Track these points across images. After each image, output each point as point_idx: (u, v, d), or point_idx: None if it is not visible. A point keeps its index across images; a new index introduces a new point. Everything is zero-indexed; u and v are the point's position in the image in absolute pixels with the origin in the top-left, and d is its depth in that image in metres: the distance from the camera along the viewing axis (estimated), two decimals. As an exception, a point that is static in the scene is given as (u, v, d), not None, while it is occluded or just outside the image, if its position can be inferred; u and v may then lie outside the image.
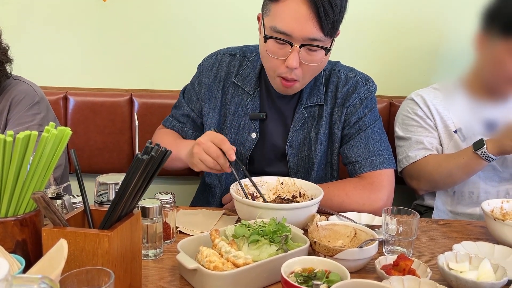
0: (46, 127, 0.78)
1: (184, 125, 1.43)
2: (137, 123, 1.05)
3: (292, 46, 1.13)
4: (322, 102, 1.31)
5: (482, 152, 1.31)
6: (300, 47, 1.13)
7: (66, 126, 0.80)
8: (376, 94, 1.35)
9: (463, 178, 1.41)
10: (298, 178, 1.25)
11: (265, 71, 1.28)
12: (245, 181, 1.20)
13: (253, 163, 1.35)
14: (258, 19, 1.23)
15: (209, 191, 1.42)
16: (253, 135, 1.33)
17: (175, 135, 1.42)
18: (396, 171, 1.32)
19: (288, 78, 1.19)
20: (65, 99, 1.82)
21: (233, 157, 1.10)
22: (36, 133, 0.74)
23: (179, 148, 1.26)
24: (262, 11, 1.21)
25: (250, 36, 1.42)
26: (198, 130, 1.42)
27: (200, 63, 1.42)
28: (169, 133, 1.43)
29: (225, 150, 1.10)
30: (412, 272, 0.87)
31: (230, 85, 1.36)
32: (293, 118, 1.32)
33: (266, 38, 1.16)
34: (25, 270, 0.69)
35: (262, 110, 1.34)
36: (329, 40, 1.16)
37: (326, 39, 1.14)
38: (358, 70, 1.37)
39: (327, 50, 1.17)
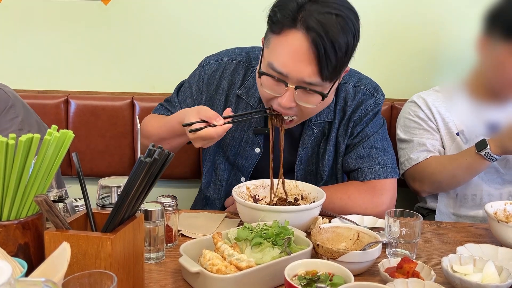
0: (48, 130, 0.78)
1: None
2: (138, 127, 1.05)
3: (286, 86, 1.07)
4: (332, 119, 1.27)
5: (485, 152, 1.30)
6: (296, 88, 1.06)
7: (67, 129, 0.80)
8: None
9: (467, 179, 1.41)
10: None
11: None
12: (247, 184, 1.20)
13: (256, 177, 1.28)
14: (262, 42, 1.15)
15: (208, 204, 1.40)
16: (257, 149, 1.30)
17: (163, 116, 1.35)
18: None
19: (282, 114, 1.12)
20: (67, 102, 1.82)
21: (230, 126, 1.05)
22: (39, 136, 0.74)
23: (168, 125, 1.20)
24: (264, 39, 1.13)
25: (252, 38, 1.42)
26: None
27: (202, 64, 1.35)
28: (159, 116, 1.37)
29: (222, 134, 1.05)
30: (416, 275, 0.87)
31: (233, 96, 1.30)
32: (302, 134, 1.28)
33: (260, 74, 1.10)
34: (27, 274, 0.69)
35: (267, 125, 1.26)
36: (328, 84, 1.08)
37: (324, 83, 1.06)
38: (365, 76, 1.31)
39: (324, 96, 1.09)
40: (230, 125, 1.05)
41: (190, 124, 1.05)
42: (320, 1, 1.03)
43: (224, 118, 1.06)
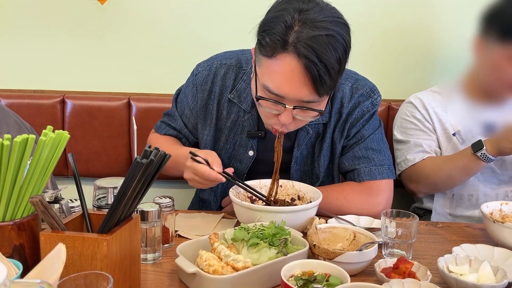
0: (43, 130, 0.78)
1: (178, 133, 1.39)
2: (135, 127, 1.05)
3: (285, 107, 1.06)
4: (327, 120, 1.27)
5: (481, 153, 1.31)
6: (294, 108, 1.06)
7: (63, 130, 0.80)
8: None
9: (463, 180, 1.41)
10: None
11: None
12: (244, 185, 1.20)
13: (251, 179, 1.27)
14: (253, 53, 1.13)
15: (205, 206, 1.40)
16: (250, 152, 1.29)
17: (171, 140, 1.38)
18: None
19: (279, 131, 1.13)
20: (63, 102, 1.82)
21: (223, 180, 1.08)
22: (33, 136, 0.74)
23: (175, 158, 1.23)
24: (255, 54, 1.11)
25: (249, 39, 1.42)
26: (192, 143, 1.39)
27: (194, 72, 1.35)
28: (165, 138, 1.39)
29: (212, 179, 1.08)
30: (412, 275, 0.87)
31: (225, 101, 1.29)
32: (297, 135, 1.27)
33: (258, 98, 1.09)
34: (22, 275, 0.69)
35: (260, 128, 1.27)
36: (325, 98, 1.09)
37: (321, 98, 1.06)
38: (362, 77, 1.31)
39: (322, 113, 1.10)
40: (223, 179, 1.08)
41: (196, 155, 1.09)
42: (309, 21, 0.99)
43: (226, 173, 1.10)
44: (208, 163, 1.07)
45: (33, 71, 1.89)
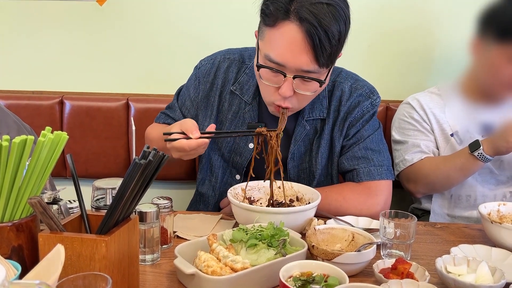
0: (42, 131, 0.78)
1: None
2: (133, 128, 1.05)
3: (285, 76, 1.10)
4: (324, 116, 1.28)
5: (478, 153, 1.31)
6: (294, 78, 1.09)
7: (62, 130, 0.80)
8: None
9: (461, 180, 1.41)
10: None
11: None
12: (243, 185, 1.20)
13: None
14: (256, 35, 1.19)
15: (202, 201, 1.40)
16: (251, 145, 1.30)
17: (165, 126, 1.37)
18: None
19: (283, 106, 1.15)
20: (61, 103, 1.82)
21: (204, 141, 1.05)
22: (32, 137, 0.74)
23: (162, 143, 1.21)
24: (258, 31, 1.16)
25: (248, 39, 1.42)
26: None
27: (197, 66, 1.39)
28: (161, 125, 1.40)
29: (194, 148, 1.05)
30: (410, 276, 0.87)
31: (227, 93, 1.32)
32: (294, 130, 1.29)
33: (259, 67, 1.13)
34: (21, 276, 0.69)
35: (261, 120, 1.30)
36: (325, 71, 1.12)
37: (321, 70, 1.10)
38: (362, 79, 1.33)
39: (321, 83, 1.13)
40: (206, 140, 1.06)
41: (170, 134, 1.08)
42: None
43: (205, 133, 1.09)
44: (185, 134, 1.06)
45: (31, 72, 1.89)
